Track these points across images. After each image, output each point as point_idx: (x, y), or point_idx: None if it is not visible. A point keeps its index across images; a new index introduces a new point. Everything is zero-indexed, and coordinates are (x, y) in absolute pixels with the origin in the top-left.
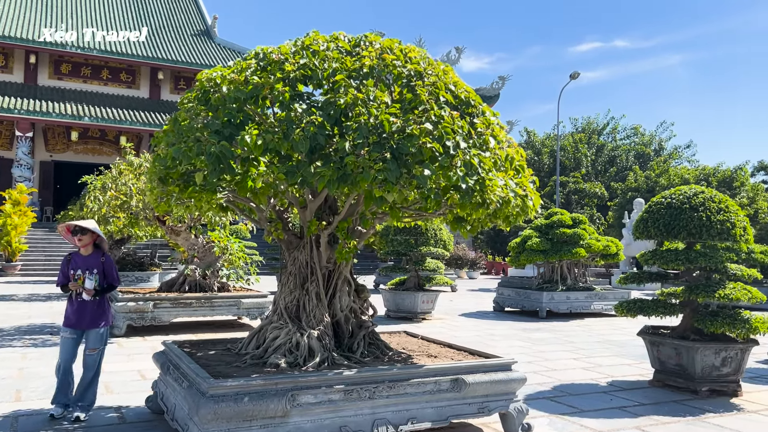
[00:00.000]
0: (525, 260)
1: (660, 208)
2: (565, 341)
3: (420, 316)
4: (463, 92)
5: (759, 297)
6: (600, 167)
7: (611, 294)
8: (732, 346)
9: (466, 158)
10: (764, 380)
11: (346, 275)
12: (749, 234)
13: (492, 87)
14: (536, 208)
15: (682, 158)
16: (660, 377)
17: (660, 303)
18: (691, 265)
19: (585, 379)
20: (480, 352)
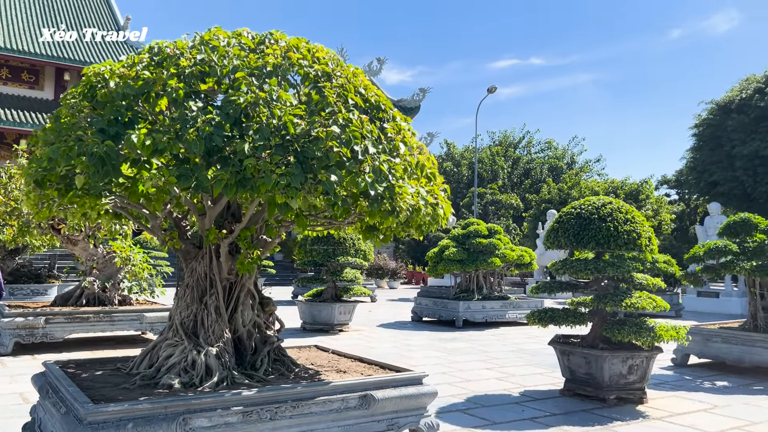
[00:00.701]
0: (443, 270)
1: (570, 219)
2: (480, 351)
3: (337, 327)
4: (373, 96)
5: (663, 306)
6: (516, 179)
7: (525, 303)
8: (638, 354)
9: (375, 164)
10: (667, 386)
11: (249, 287)
12: (654, 244)
13: (413, 99)
14: (447, 217)
15: (592, 171)
16: (570, 386)
17: (570, 312)
18: (599, 274)
19: (498, 389)
20: (391, 366)
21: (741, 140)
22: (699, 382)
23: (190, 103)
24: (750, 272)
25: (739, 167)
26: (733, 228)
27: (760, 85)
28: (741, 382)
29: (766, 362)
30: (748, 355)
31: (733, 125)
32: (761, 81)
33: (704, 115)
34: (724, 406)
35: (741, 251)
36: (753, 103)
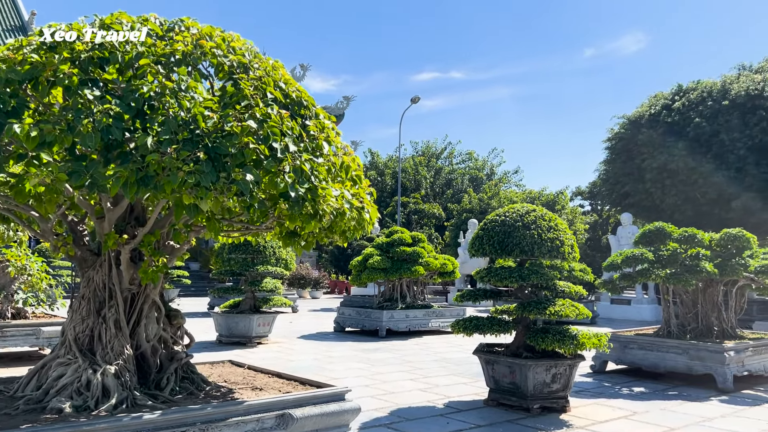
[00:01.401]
0: (366, 279)
1: (494, 226)
2: (404, 361)
3: (255, 340)
4: (294, 91)
5: (585, 313)
6: (438, 189)
7: (448, 311)
8: (562, 363)
9: (296, 163)
10: (588, 394)
11: (154, 299)
12: (576, 252)
13: (337, 106)
14: (374, 222)
15: (511, 182)
16: (495, 396)
17: (495, 321)
18: (523, 282)
19: (422, 401)
20: (312, 381)
21: (650, 154)
22: (618, 389)
23: (85, 92)
24: (664, 280)
25: (648, 179)
26: (648, 237)
27: (668, 102)
28: (657, 388)
29: (679, 368)
30: (663, 360)
31: (643, 139)
32: (668, 98)
33: (616, 129)
34: (643, 413)
35: (656, 259)
36: (661, 118)
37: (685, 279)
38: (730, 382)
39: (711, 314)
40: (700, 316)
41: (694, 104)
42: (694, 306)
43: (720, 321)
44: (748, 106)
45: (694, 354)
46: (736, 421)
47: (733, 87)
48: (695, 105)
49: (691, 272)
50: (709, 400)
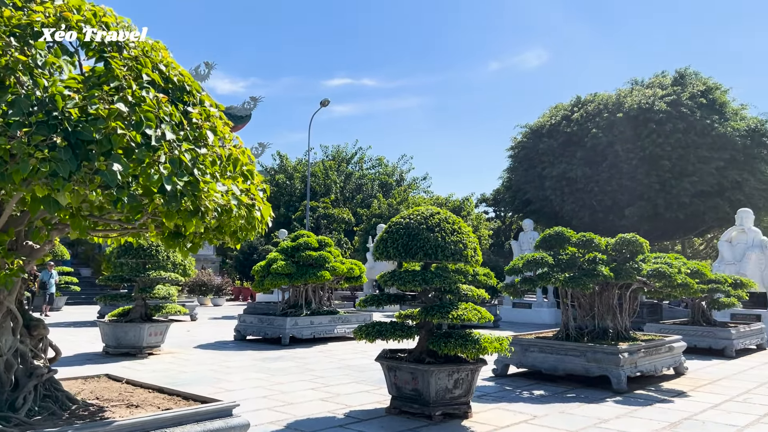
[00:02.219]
0: (270, 284)
1: (399, 229)
2: (306, 370)
3: (147, 350)
4: (177, 75)
5: (488, 317)
6: (348, 194)
7: (354, 317)
8: (464, 368)
9: (174, 153)
10: (490, 398)
11: (9, 306)
12: (479, 255)
13: (243, 107)
14: (266, 221)
15: (419, 189)
16: (397, 404)
17: (398, 326)
18: (427, 285)
19: (322, 411)
20: (197, 396)
21: (550, 162)
22: (519, 393)
23: None
24: (563, 283)
25: (548, 187)
26: (548, 241)
27: (567, 113)
28: (556, 390)
29: (577, 370)
30: (562, 363)
31: (544, 148)
32: (568, 109)
33: (519, 138)
34: (543, 416)
35: (555, 263)
36: (561, 128)
37: (583, 282)
38: (624, 383)
39: (607, 317)
40: (597, 319)
41: (592, 116)
42: (591, 309)
43: (615, 323)
44: (640, 119)
45: (591, 356)
46: (629, 422)
47: (626, 100)
48: (592, 116)
49: (589, 276)
50: (605, 402)
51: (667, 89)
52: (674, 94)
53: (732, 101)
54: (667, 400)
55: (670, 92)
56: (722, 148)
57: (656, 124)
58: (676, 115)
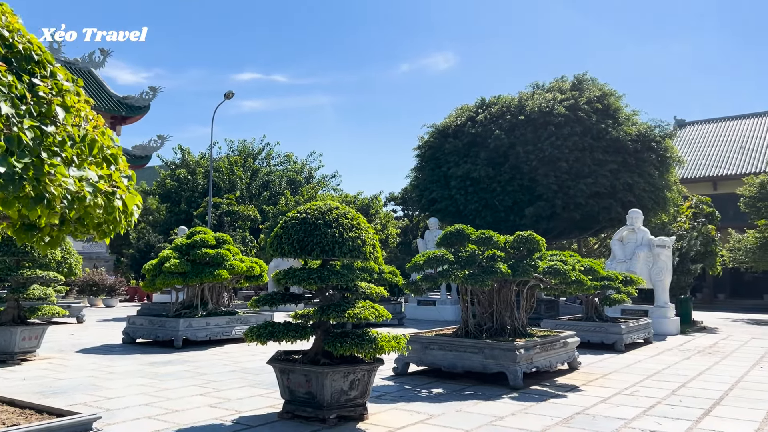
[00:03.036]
0: (161, 284)
1: (294, 224)
2: (197, 374)
3: (19, 356)
4: (24, 43)
5: (385, 315)
6: (254, 191)
7: (254, 317)
8: (360, 368)
9: (12, 130)
10: (388, 398)
11: None
12: (378, 252)
13: (141, 97)
14: (132, 212)
15: (328, 186)
16: (290, 408)
17: (292, 326)
18: (323, 283)
19: (209, 419)
20: (53, 409)
21: (455, 162)
22: (417, 391)
23: None
24: (463, 280)
25: (453, 186)
26: (449, 238)
27: (472, 114)
28: (455, 388)
29: (475, 367)
30: (461, 360)
31: (450, 148)
32: (473, 110)
33: (426, 138)
34: (439, 416)
35: (456, 260)
36: (466, 129)
37: (482, 279)
38: (520, 380)
39: (505, 313)
40: (495, 316)
41: (495, 117)
42: (490, 306)
43: (513, 320)
44: (540, 122)
45: (489, 353)
46: (524, 419)
47: (528, 104)
48: (496, 118)
49: (488, 273)
50: (501, 399)
51: (566, 94)
52: (572, 99)
53: (625, 107)
54: (561, 395)
55: (569, 97)
56: (615, 151)
57: (555, 127)
58: (574, 118)
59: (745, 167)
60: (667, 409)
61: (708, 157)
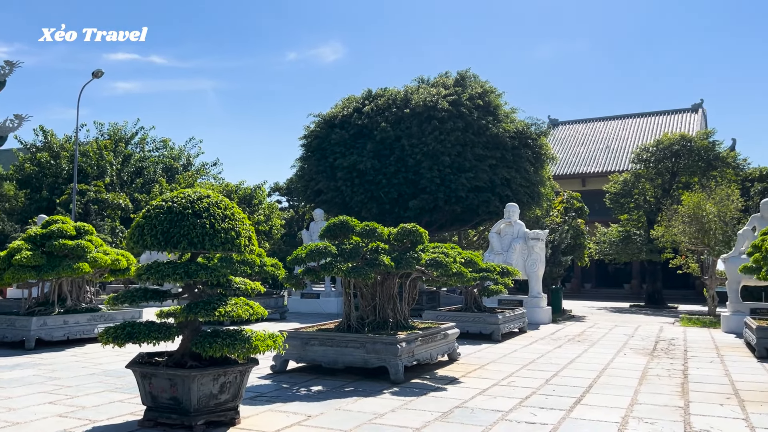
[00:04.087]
0: (11, 278)
1: (159, 213)
2: (50, 378)
3: None
4: None
5: (261, 312)
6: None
7: (121, 315)
8: (232, 370)
9: None
10: (264, 399)
11: None
12: (255, 245)
13: None
14: None
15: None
16: (152, 415)
17: (155, 326)
18: (190, 279)
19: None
20: None
21: (342, 153)
22: (296, 390)
23: None
24: (345, 273)
25: (340, 178)
26: (332, 230)
27: (358, 105)
28: (335, 385)
29: (357, 362)
30: (342, 356)
31: (336, 139)
32: (359, 101)
33: (312, 127)
34: (317, 416)
35: (339, 253)
36: (353, 120)
37: (365, 272)
38: (401, 374)
39: (388, 306)
40: (378, 309)
41: (382, 110)
42: (373, 299)
43: (395, 313)
44: (425, 116)
45: (371, 347)
46: (404, 415)
47: (413, 97)
48: (382, 110)
49: (371, 266)
50: (382, 394)
51: (449, 89)
52: (455, 95)
53: (504, 105)
54: (441, 388)
55: (452, 92)
56: (495, 147)
57: (439, 122)
58: (457, 114)
59: (611, 165)
60: (541, 399)
61: (578, 155)
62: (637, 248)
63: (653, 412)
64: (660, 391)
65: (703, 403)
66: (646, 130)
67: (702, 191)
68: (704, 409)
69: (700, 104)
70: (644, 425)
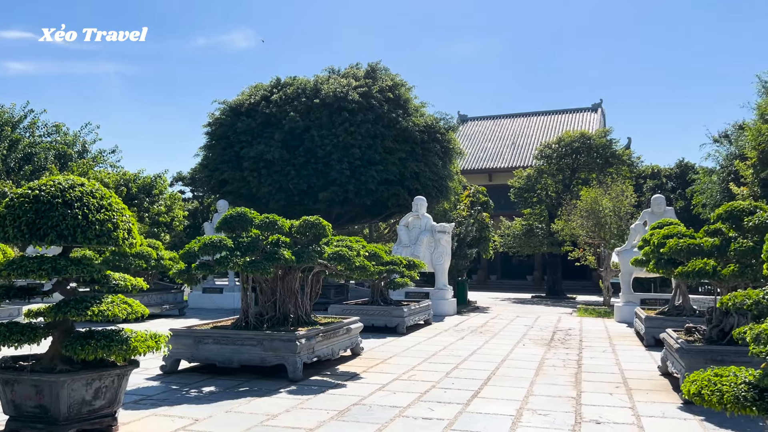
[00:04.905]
0: None
1: (24, 202)
2: None
3: None
4: None
5: (140, 310)
6: (14, 164)
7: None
8: (108, 373)
9: None
10: (149, 403)
11: None
12: (136, 237)
13: None
14: None
15: (106, 162)
16: (15, 426)
17: (17, 327)
18: (59, 275)
19: None
20: None
21: (248, 142)
22: (186, 392)
23: None
24: (243, 268)
25: (246, 168)
26: (229, 223)
27: (266, 93)
28: (229, 385)
29: (254, 360)
30: (238, 354)
31: (243, 127)
32: (268, 89)
33: (217, 115)
34: (205, 419)
35: (236, 246)
36: (260, 109)
37: (264, 267)
38: (299, 371)
39: (289, 302)
40: (279, 305)
41: (291, 99)
42: (273, 294)
43: (297, 308)
44: (335, 107)
45: (269, 345)
46: (298, 415)
47: (324, 87)
48: (291, 100)
49: (270, 260)
50: (278, 393)
51: (360, 81)
52: (366, 86)
53: (414, 99)
54: (341, 385)
55: (363, 84)
56: (405, 141)
57: (350, 114)
58: (367, 106)
59: (516, 161)
60: (440, 394)
61: (485, 150)
62: (539, 241)
63: (548, 403)
64: (555, 381)
65: (594, 393)
66: (550, 128)
67: (599, 187)
68: (595, 399)
69: (599, 104)
70: (538, 417)
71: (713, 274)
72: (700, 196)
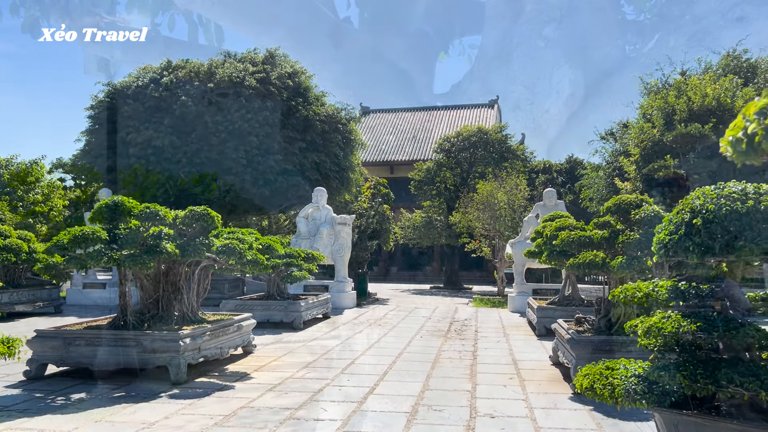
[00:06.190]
0: None
1: None
2: None
3: None
4: None
5: None
6: None
7: None
8: None
9: None
10: (7, 413)
11: None
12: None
13: None
14: None
15: None
16: None
17: None
18: None
19: None
20: None
21: (136, 128)
22: (51, 400)
23: None
24: (119, 262)
25: (133, 154)
26: (104, 213)
27: (156, 76)
28: (103, 390)
29: (133, 362)
30: (114, 356)
31: (129, 111)
32: (157, 72)
33: (101, 97)
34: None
35: (111, 239)
36: (149, 92)
37: (143, 261)
38: (183, 373)
39: (173, 299)
40: (162, 302)
41: (183, 83)
42: (156, 291)
43: (182, 305)
44: (231, 93)
45: (149, 345)
46: (180, 421)
47: (218, 72)
48: (184, 83)
49: (151, 253)
50: (158, 398)
51: (258, 66)
52: (264, 72)
53: (315, 87)
54: (228, 387)
55: (261, 69)
56: (305, 130)
57: (246, 100)
58: (266, 93)
59: (416, 154)
60: (334, 392)
61: (387, 143)
62: (438, 233)
63: (443, 398)
64: (451, 374)
65: (488, 386)
66: (449, 122)
67: (495, 181)
68: (489, 391)
69: (495, 100)
70: (433, 413)
71: (602, 266)
72: (587, 190)
